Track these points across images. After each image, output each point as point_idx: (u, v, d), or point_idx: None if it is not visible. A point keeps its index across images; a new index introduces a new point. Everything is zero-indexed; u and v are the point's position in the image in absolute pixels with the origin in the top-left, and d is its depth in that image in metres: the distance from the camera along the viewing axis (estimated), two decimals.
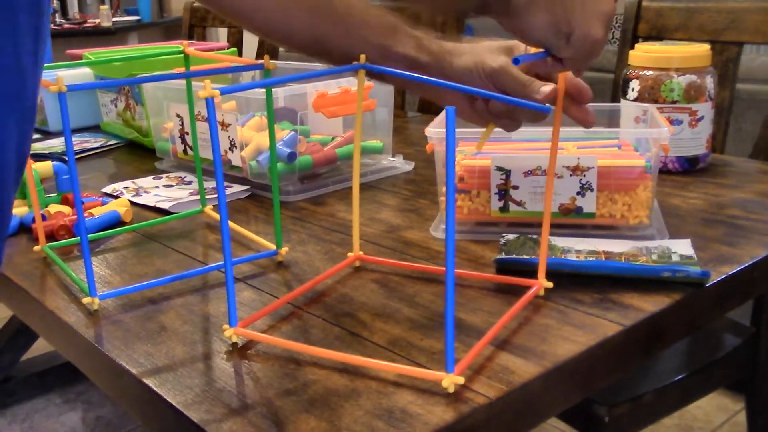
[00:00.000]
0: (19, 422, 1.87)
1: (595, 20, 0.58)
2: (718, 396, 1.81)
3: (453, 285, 0.52)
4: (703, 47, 1.07)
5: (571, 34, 0.58)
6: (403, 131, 1.41)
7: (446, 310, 0.52)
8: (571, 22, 0.57)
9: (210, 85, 0.55)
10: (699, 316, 0.72)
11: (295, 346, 0.61)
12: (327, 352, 0.59)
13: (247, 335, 0.63)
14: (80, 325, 0.68)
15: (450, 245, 0.51)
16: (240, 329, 0.62)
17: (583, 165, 0.81)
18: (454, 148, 0.51)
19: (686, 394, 1.16)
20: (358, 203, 0.75)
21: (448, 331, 0.53)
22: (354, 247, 0.78)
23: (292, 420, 0.52)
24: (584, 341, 0.61)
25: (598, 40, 0.58)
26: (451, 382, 0.53)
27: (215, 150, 0.57)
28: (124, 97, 1.39)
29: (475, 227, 0.86)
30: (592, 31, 0.58)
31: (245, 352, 0.62)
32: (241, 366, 0.59)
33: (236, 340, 0.62)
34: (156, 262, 0.82)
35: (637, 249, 0.76)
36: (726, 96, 1.31)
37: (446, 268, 0.51)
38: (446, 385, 0.53)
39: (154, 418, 0.59)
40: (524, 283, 0.70)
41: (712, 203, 0.94)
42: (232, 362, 0.60)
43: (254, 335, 0.63)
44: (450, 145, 0.49)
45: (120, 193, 1.07)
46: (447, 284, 0.52)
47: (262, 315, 0.66)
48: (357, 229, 0.77)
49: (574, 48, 0.59)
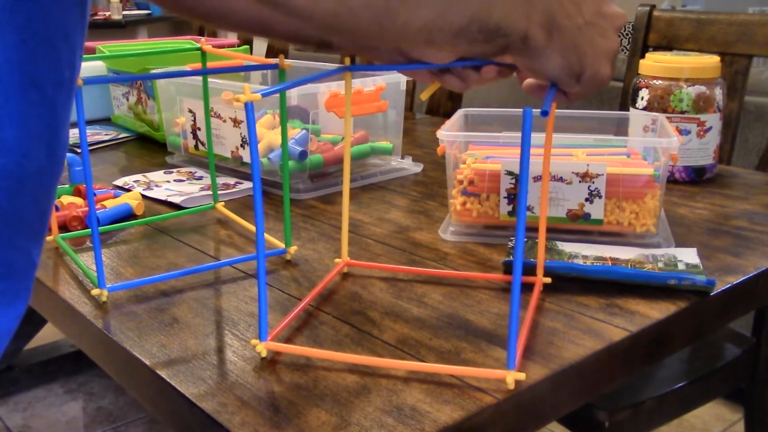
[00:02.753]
0: (20, 411, 1.88)
1: (604, 59, 0.59)
2: (716, 405, 1.82)
3: (519, 289, 0.54)
4: (713, 58, 1.08)
5: (582, 74, 0.59)
6: (412, 133, 1.42)
7: (511, 310, 0.54)
8: (583, 64, 0.59)
9: (249, 89, 0.55)
10: (704, 324, 0.73)
11: (323, 354, 0.60)
12: (361, 358, 0.59)
13: (277, 348, 0.61)
14: (93, 315, 0.69)
15: (519, 241, 0.51)
16: (270, 343, 0.60)
17: (593, 172, 0.82)
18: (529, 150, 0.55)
19: (686, 402, 1.17)
20: (347, 210, 0.75)
21: (512, 330, 0.54)
22: (342, 253, 0.77)
23: (303, 413, 0.53)
24: (591, 345, 0.62)
25: (605, 78, 0.60)
26: (513, 378, 0.55)
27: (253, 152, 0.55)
28: (136, 90, 1.40)
29: (483, 230, 0.87)
30: (601, 70, 0.59)
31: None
32: (254, 360, 0.60)
33: (266, 355, 0.60)
34: (168, 255, 0.83)
35: (643, 256, 0.77)
36: (734, 108, 1.32)
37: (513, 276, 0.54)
38: (509, 382, 0.55)
39: (167, 409, 0.60)
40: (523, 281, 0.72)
41: (718, 214, 0.95)
42: (244, 356, 0.61)
43: (284, 348, 0.61)
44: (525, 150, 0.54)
45: (131, 186, 1.08)
46: (513, 289, 0.54)
47: (286, 325, 0.65)
48: (346, 235, 0.77)
49: (582, 86, 0.60)
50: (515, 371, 0.55)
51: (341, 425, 0.51)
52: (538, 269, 0.72)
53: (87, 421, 1.85)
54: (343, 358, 0.60)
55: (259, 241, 0.56)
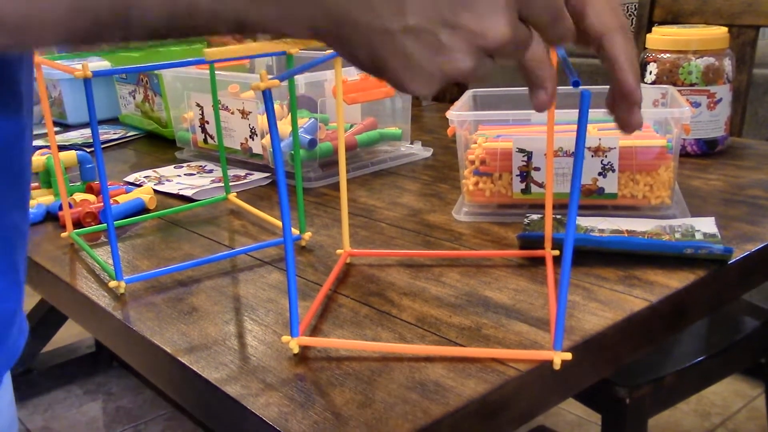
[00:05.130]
0: (40, 413, 1.89)
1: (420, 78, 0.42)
2: (735, 381, 1.81)
3: (569, 266, 0.52)
4: (721, 29, 1.07)
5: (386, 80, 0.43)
6: (419, 119, 1.42)
7: (560, 291, 0.53)
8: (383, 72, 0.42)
9: (266, 76, 0.54)
10: (723, 293, 0.73)
11: (354, 345, 0.59)
12: (392, 346, 0.58)
13: (308, 343, 0.59)
14: (112, 307, 0.69)
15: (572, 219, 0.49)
16: (303, 338, 0.59)
17: (605, 146, 0.82)
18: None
19: (706, 376, 1.17)
20: (346, 201, 0.74)
21: (560, 308, 0.53)
22: (344, 243, 0.76)
23: (327, 393, 0.53)
24: (611, 316, 0.62)
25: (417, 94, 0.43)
26: (560, 359, 0.55)
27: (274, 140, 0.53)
28: (143, 88, 1.40)
29: (497, 209, 0.87)
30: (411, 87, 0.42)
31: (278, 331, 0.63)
32: (275, 344, 0.60)
33: (297, 351, 0.58)
34: (183, 247, 0.83)
35: (660, 227, 0.76)
36: (743, 80, 1.31)
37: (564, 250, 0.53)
38: (557, 362, 0.54)
39: (190, 395, 0.61)
40: (533, 254, 0.73)
41: (732, 184, 0.94)
42: (265, 341, 0.61)
43: (315, 342, 0.60)
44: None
45: (142, 182, 1.09)
46: (563, 268, 0.53)
47: (312, 314, 0.64)
48: (346, 225, 0.76)
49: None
50: (561, 351, 0.55)
51: (366, 402, 0.51)
52: (546, 242, 0.72)
53: (107, 421, 1.86)
54: (375, 347, 0.58)
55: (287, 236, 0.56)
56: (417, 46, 0.39)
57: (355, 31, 0.39)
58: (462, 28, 0.39)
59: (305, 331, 0.62)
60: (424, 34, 0.39)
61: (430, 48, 0.39)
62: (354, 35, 0.39)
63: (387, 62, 0.40)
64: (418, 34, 0.39)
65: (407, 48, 0.39)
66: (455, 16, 0.39)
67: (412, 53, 0.40)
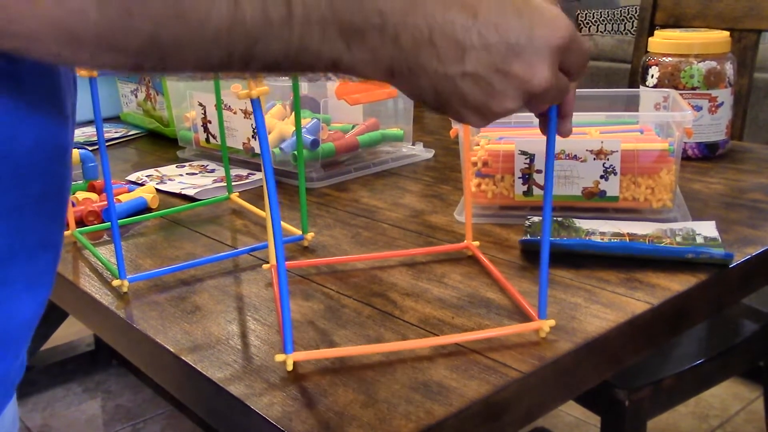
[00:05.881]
0: (40, 411, 1.89)
1: (473, 114, 0.49)
2: (733, 384, 1.82)
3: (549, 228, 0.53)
4: (722, 34, 1.07)
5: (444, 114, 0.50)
6: (421, 120, 1.42)
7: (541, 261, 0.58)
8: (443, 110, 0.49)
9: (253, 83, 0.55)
10: (724, 296, 0.73)
11: (349, 352, 0.58)
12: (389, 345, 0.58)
13: (303, 358, 0.58)
14: (115, 306, 0.70)
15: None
16: (297, 353, 0.57)
17: (607, 149, 0.82)
18: None
19: (705, 379, 1.17)
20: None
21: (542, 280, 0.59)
22: (270, 257, 0.73)
23: (330, 393, 0.53)
24: (613, 318, 0.62)
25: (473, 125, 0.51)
26: (547, 326, 0.59)
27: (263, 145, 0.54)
28: (145, 87, 1.40)
29: (499, 211, 0.87)
30: (467, 119, 0.49)
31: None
32: (278, 344, 0.61)
33: (291, 368, 0.57)
34: (186, 246, 0.83)
35: (661, 231, 0.77)
36: (744, 84, 1.31)
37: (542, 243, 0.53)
38: (545, 329, 0.59)
39: (193, 394, 0.61)
40: (456, 248, 0.76)
41: (733, 188, 0.95)
42: (268, 340, 0.61)
43: (310, 355, 0.58)
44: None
45: (144, 181, 1.09)
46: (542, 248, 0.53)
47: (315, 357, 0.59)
48: (271, 240, 0.71)
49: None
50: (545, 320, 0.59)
51: (369, 402, 0.52)
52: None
53: (106, 419, 1.86)
54: (370, 350, 0.58)
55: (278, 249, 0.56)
56: (474, 90, 0.46)
57: (425, 74, 0.45)
58: (512, 75, 0.46)
59: (301, 329, 0.62)
60: (480, 79, 0.46)
61: (484, 91, 0.46)
62: (422, 78, 0.45)
63: (449, 102, 0.47)
64: (476, 79, 0.46)
65: (465, 90, 0.46)
66: (507, 65, 0.45)
67: (468, 94, 0.46)
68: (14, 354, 0.51)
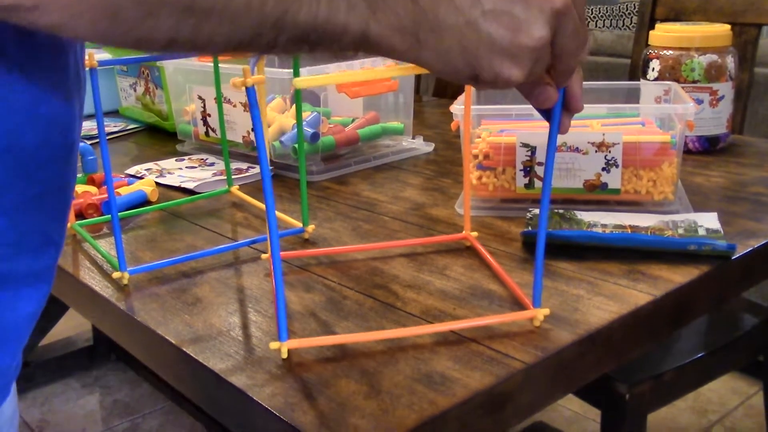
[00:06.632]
0: (38, 406, 1.89)
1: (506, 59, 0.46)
2: (732, 379, 1.82)
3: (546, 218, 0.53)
4: (723, 27, 1.07)
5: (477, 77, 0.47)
6: (420, 115, 1.42)
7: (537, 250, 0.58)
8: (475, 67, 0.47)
9: (249, 72, 0.54)
10: (726, 289, 0.73)
11: (345, 339, 0.58)
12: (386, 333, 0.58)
13: (298, 346, 0.57)
14: (116, 298, 0.69)
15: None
16: (291, 341, 0.57)
17: (609, 141, 0.82)
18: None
19: (705, 373, 1.17)
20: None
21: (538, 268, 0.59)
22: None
23: (333, 384, 0.53)
24: (616, 310, 0.62)
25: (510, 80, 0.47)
26: (542, 314, 0.60)
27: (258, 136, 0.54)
28: (144, 81, 1.40)
29: (500, 204, 0.87)
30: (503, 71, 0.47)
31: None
32: None
33: (286, 356, 0.57)
34: (186, 239, 0.83)
35: (663, 223, 0.76)
36: (745, 78, 1.31)
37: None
38: (539, 317, 0.60)
39: (195, 386, 0.60)
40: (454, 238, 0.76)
41: (734, 181, 0.94)
42: (269, 331, 0.61)
43: (305, 343, 0.58)
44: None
45: (144, 175, 1.08)
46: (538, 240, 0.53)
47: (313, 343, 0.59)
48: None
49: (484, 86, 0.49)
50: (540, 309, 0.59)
51: (371, 393, 0.51)
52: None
53: (104, 415, 1.85)
54: (367, 338, 0.58)
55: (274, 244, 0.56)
56: (499, 29, 0.45)
57: (448, 31, 0.45)
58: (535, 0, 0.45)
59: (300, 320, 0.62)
60: (502, 14, 0.44)
61: (509, 26, 0.45)
62: (446, 36, 0.45)
63: (478, 55, 0.45)
64: (497, 15, 0.44)
65: (491, 31, 0.45)
66: None
67: (494, 35, 0.45)
68: (15, 348, 0.51)
